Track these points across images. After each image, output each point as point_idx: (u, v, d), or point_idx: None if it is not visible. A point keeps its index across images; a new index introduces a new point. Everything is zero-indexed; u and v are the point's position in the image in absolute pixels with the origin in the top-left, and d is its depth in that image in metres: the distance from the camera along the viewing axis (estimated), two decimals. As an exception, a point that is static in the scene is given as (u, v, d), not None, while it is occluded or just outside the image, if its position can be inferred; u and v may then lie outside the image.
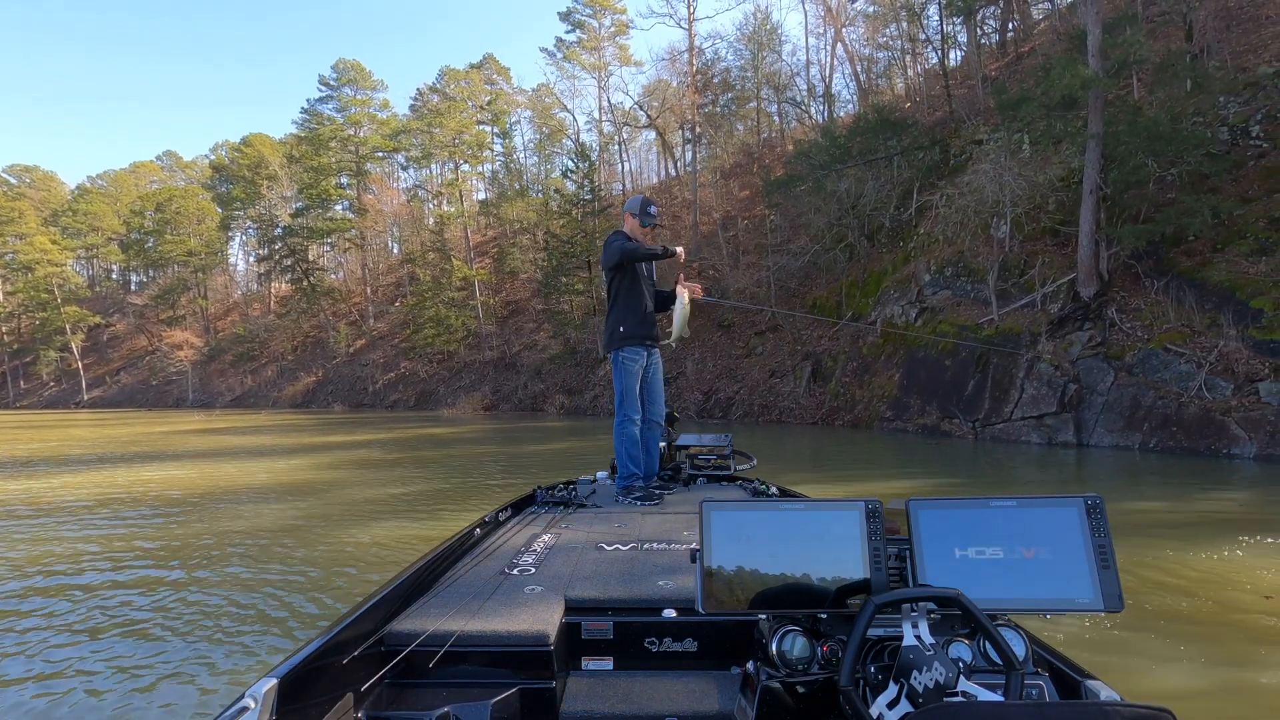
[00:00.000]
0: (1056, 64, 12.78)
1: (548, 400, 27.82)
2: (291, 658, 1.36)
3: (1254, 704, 2.71)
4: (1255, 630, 3.43)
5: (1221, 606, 3.75)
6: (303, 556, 5.22)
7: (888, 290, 17.52)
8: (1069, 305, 12.87)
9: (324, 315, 45.39)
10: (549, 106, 44.67)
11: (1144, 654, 3.15)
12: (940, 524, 1.35)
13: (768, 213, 26.24)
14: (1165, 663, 3.06)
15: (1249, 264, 11.08)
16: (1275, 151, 11.98)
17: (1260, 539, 5.07)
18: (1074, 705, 1.03)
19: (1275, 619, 3.56)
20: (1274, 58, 13.44)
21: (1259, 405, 9.70)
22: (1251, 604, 3.78)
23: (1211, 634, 3.38)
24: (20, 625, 3.87)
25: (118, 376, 54.49)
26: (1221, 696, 2.77)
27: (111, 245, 60.36)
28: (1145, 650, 3.18)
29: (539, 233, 34.89)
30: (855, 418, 16.12)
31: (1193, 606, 3.75)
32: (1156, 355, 11.06)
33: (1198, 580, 4.17)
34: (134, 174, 65.23)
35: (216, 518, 6.88)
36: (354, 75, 46.59)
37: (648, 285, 3.92)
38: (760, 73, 33.57)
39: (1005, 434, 12.38)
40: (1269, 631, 3.41)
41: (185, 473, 10.72)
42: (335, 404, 38.52)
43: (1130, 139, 11.84)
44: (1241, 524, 5.54)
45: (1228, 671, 2.98)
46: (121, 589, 4.50)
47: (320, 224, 44.81)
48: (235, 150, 53.95)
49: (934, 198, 16.56)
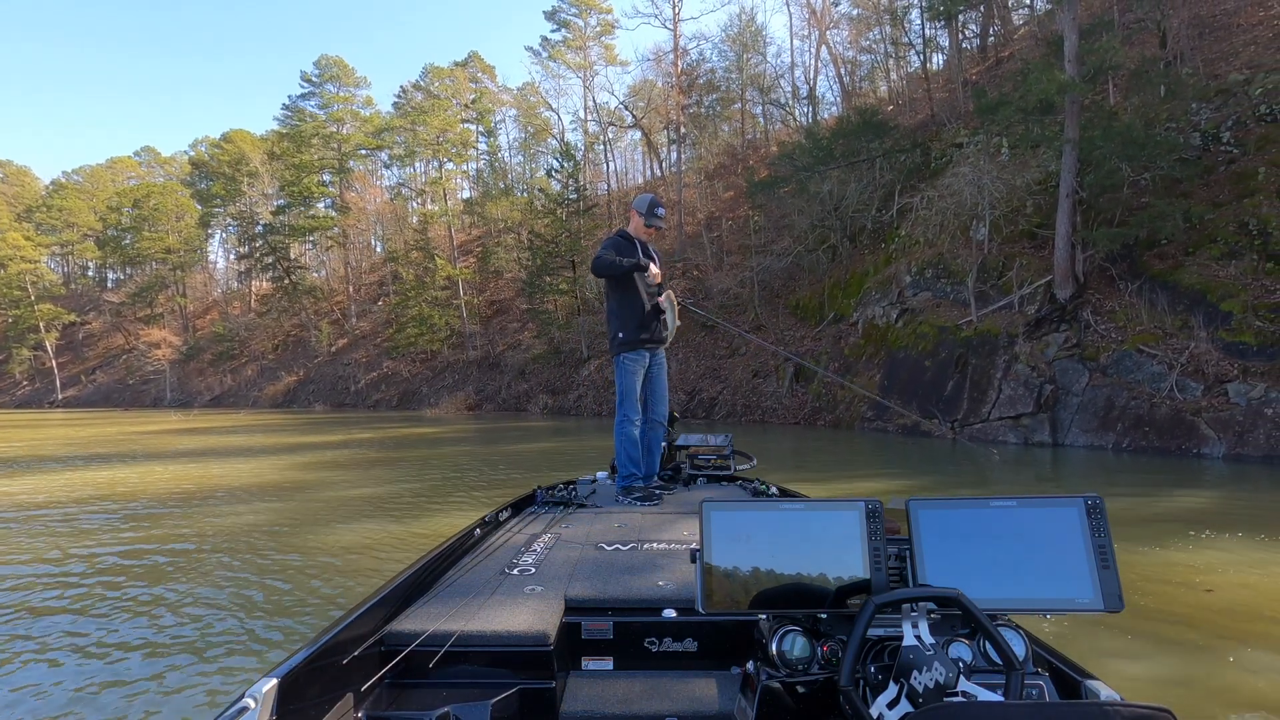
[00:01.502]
0: (1034, 69, 12.97)
1: (532, 400, 27.74)
2: (291, 658, 1.36)
3: (1205, 693, 2.77)
4: (1192, 619, 3.52)
5: (1163, 600, 3.84)
6: (277, 559, 5.17)
7: (869, 291, 17.66)
8: (1046, 307, 13.06)
9: (305, 314, 44.92)
10: (534, 105, 44.57)
11: (1096, 645, 3.21)
12: (940, 524, 1.35)
13: (752, 214, 26.37)
14: (1122, 656, 3.13)
15: (1219, 267, 11.31)
16: (1245, 157, 12.22)
17: (1220, 536, 5.19)
18: (1074, 705, 1.03)
19: (1213, 611, 3.65)
20: (1244, 65, 13.73)
21: (1228, 406, 9.90)
22: (1196, 599, 3.88)
23: (1153, 628, 3.46)
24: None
25: (93, 375, 53.58)
26: (1171, 687, 2.83)
27: (87, 242, 59.32)
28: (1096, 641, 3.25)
29: (523, 232, 34.78)
30: (837, 418, 16.24)
31: (1141, 600, 3.83)
32: (1130, 356, 11.25)
33: (1145, 575, 4.26)
34: (111, 169, 64.11)
35: (192, 519, 6.80)
36: (337, 72, 46.19)
37: (645, 288, 3.90)
38: (745, 74, 33.71)
39: (983, 434, 12.53)
40: (1206, 621, 3.49)
41: (161, 473, 10.57)
42: (317, 404, 38.14)
43: (1105, 143, 12.03)
44: (1203, 521, 5.66)
45: (1180, 661, 3.06)
46: (94, 593, 4.44)
47: (302, 222, 44.35)
48: (215, 146, 53.25)
49: (915, 200, 16.72)
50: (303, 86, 46.38)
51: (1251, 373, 9.93)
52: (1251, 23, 15.07)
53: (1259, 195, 11.41)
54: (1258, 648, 3.23)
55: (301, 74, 46.57)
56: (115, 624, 3.84)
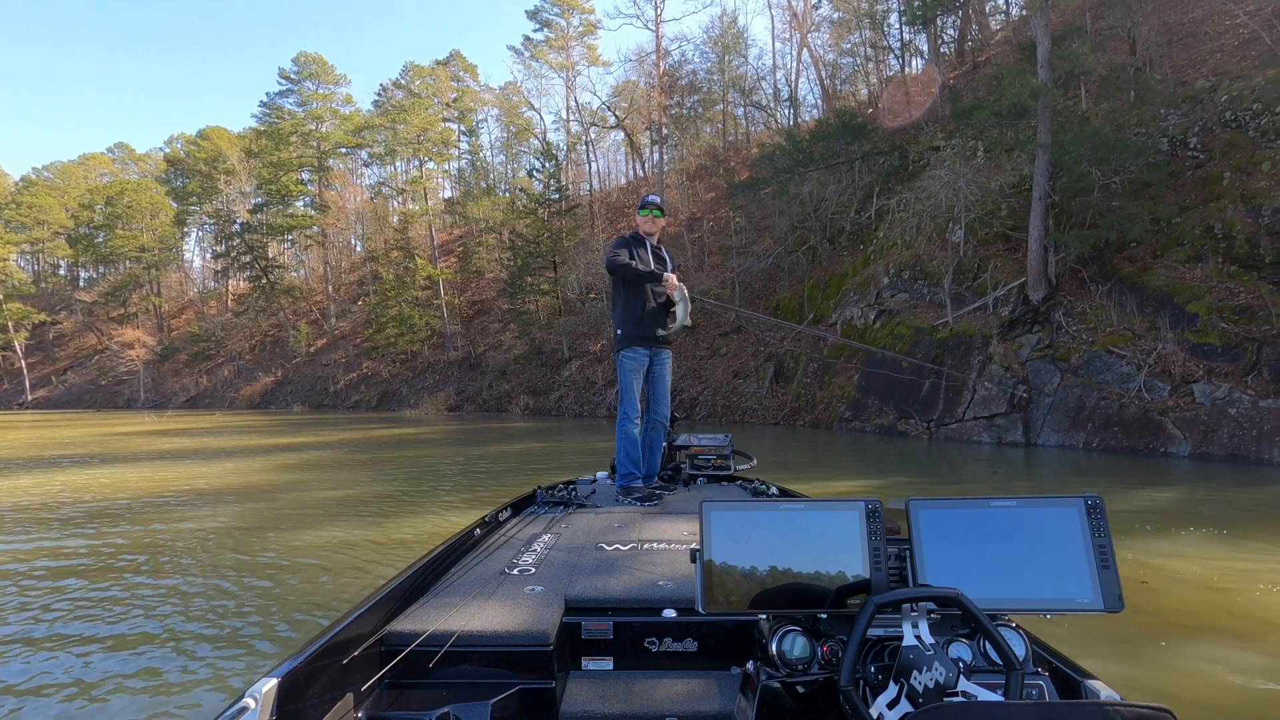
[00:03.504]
0: (1007, 73, 13.17)
1: (512, 401, 27.62)
2: (292, 658, 1.35)
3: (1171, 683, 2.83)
4: (1148, 611, 3.60)
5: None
6: (249, 560, 5.10)
7: (848, 293, 17.81)
8: (1019, 308, 13.25)
9: (284, 314, 44.33)
10: (516, 105, 44.40)
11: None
12: (940, 524, 1.35)
13: (732, 215, 26.48)
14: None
15: (1186, 270, 11.55)
16: (1211, 163, 12.50)
17: (1173, 532, 5.30)
18: (1074, 705, 1.03)
19: (1138, 603, 3.73)
20: (1210, 73, 14.04)
21: (1193, 405, 10.12)
22: (1128, 593, 3.97)
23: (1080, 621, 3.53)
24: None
25: (64, 376, 52.42)
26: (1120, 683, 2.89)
27: (58, 240, 58.01)
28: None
29: (505, 232, 34.64)
30: (816, 418, 16.35)
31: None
32: (1100, 357, 11.45)
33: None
34: (83, 166, 62.80)
35: (167, 520, 6.68)
36: (316, 69, 45.66)
37: (651, 288, 3.92)
38: (727, 76, 33.84)
39: (958, 434, 12.69)
40: (1128, 616, 3.58)
41: (133, 475, 10.38)
42: (295, 405, 37.66)
43: (1076, 148, 12.24)
44: (1159, 518, 5.78)
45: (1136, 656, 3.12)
46: (64, 596, 4.34)
47: (280, 220, 43.75)
48: (191, 143, 52.33)
49: (892, 202, 16.90)
50: (281, 84, 45.82)
51: (1216, 373, 10.15)
52: (1218, 31, 15.42)
53: (1224, 200, 11.68)
54: (1173, 639, 3.31)
55: (280, 71, 45.92)
56: (87, 625, 3.77)
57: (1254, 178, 11.61)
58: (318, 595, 4.22)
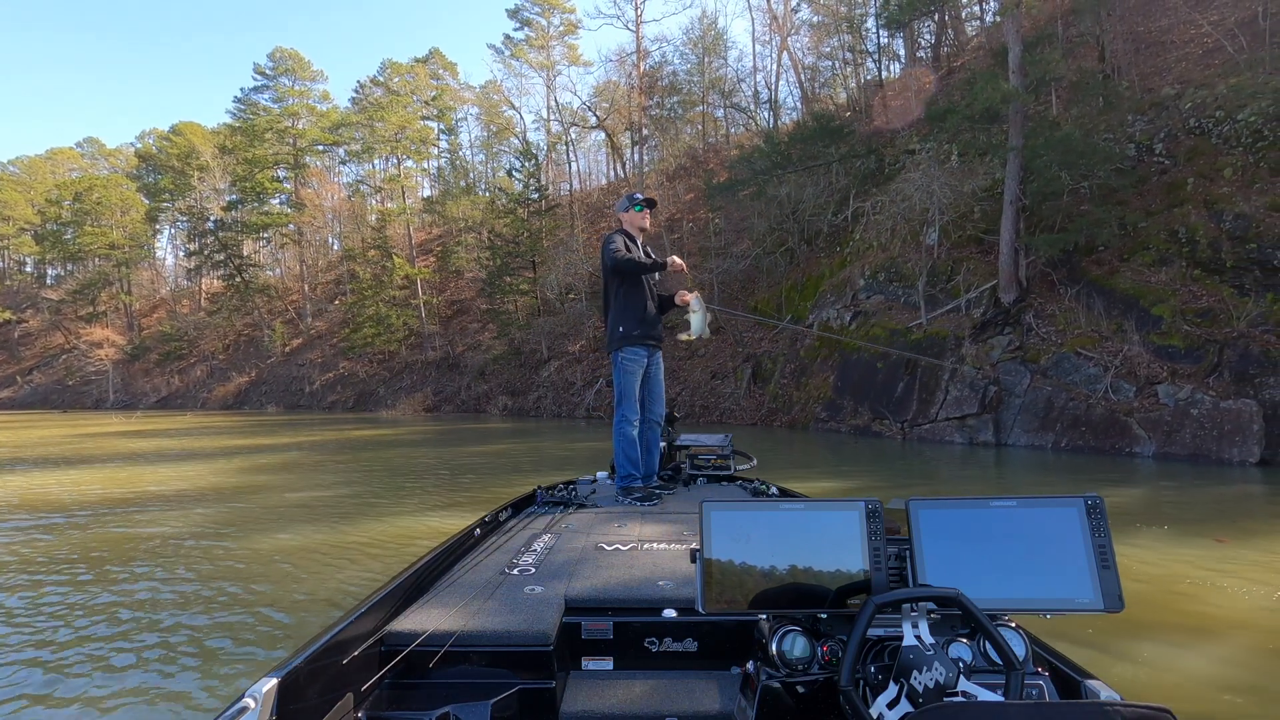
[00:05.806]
0: (980, 78, 13.35)
1: (491, 402, 27.46)
2: (292, 658, 1.34)
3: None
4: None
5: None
6: (226, 568, 5.00)
7: (825, 294, 17.95)
8: (991, 310, 13.45)
9: (258, 313, 43.64)
10: (496, 104, 44.13)
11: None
12: (940, 524, 1.35)
13: (711, 216, 26.57)
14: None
15: (1151, 273, 11.79)
16: (1176, 168, 12.77)
17: (1128, 530, 5.40)
18: (1074, 705, 1.03)
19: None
20: (1176, 80, 14.35)
21: (1158, 406, 10.33)
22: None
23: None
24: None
25: (30, 376, 51.12)
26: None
27: (24, 236, 56.62)
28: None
29: (484, 231, 34.42)
30: (793, 418, 16.45)
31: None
32: (1069, 359, 11.65)
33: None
34: (50, 161, 61.35)
35: (132, 523, 6.52)
36: (292, 65, 45.01)
37: (650, 286, 3.86)
38: (707, 77, 33.96)
39: (931, 434, 12.83)
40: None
41: (98, 477, 10.13)
42: (269, 405, 37.10)
43: (1047, 152, 12.45)
44: (1119, 517, 5.89)
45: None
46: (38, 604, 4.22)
47: (255, 218, 43.03)
48: (164, 139, 51.34)
49: (867, 204, 17.05)
50: (256, 79, 45.08)
51: (1179, 375, 10.37)
52: (1183, 39, 15.77)
53: (1188, 205, 11.94)
54: (1114, 635, 3.37)
55: (255, 66, 45.18)
56: (57, 631, 3.66)
57: (1216, 183, 11.89)
58: (283, 602, 4.15)
